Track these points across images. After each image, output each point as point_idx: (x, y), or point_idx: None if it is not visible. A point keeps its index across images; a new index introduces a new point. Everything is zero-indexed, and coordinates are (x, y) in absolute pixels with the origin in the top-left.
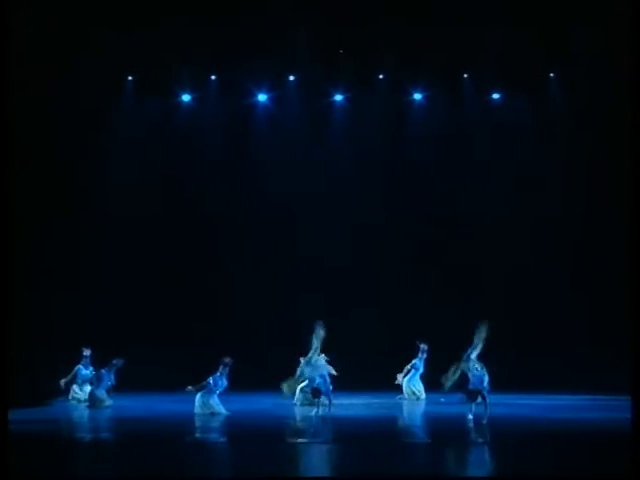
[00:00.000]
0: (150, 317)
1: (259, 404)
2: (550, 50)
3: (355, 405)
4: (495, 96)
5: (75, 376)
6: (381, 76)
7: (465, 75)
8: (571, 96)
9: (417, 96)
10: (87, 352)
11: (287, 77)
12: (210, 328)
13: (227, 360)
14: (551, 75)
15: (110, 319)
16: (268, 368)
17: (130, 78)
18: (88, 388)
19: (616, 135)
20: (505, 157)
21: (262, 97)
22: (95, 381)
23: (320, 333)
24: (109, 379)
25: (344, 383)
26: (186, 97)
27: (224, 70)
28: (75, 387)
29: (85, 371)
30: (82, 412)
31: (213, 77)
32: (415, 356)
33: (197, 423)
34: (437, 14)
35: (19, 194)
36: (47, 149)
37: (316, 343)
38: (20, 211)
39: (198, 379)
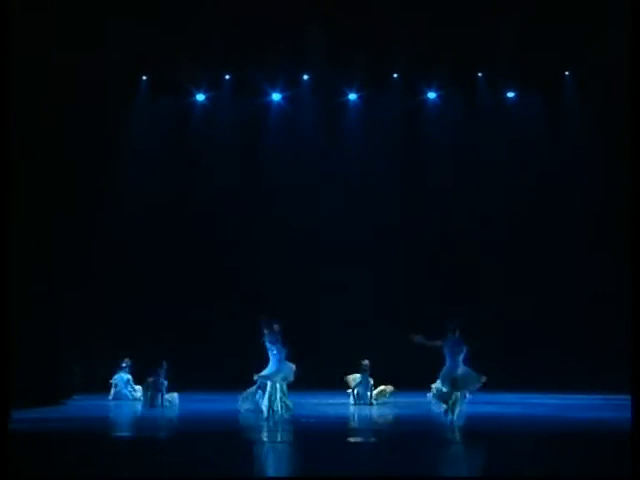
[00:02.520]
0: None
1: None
2: (565, 49)
3: (380, 403)
4: (510, 94)
5: (116, 386)
6: (395, 75)
7: (479, 74)
8: (586, 94)
9: (431, 95)
10: (125, 363)
11: (301, 76)
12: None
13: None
14: (566, 74)
15: (133, 318)
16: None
17: (144, 78)
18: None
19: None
20: (519, 155)
21: (276, 96)
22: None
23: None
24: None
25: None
26: (200, 96)
27: (238, 69)
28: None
29: (123, 386)
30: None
31: (227, 76)
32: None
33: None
34: (451, 13)
35: (32, 195)
36: (59, 150)
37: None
38: (39, 212)
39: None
